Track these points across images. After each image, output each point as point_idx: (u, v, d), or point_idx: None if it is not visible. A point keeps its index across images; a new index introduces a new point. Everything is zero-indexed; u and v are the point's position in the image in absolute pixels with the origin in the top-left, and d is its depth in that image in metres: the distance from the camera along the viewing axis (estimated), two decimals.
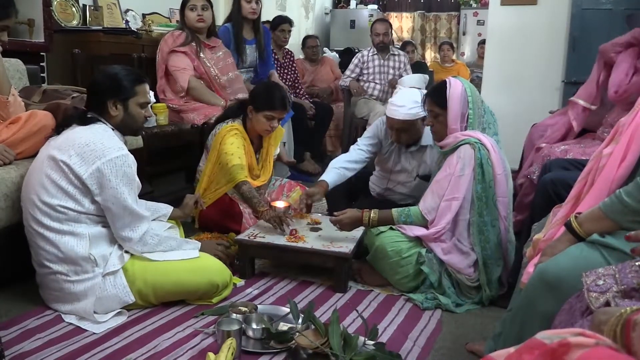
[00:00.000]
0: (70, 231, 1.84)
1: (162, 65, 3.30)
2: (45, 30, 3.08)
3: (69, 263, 1.85)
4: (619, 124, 1.46)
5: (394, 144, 2.58)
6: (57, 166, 1.84)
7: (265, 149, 2.83)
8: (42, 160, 1.88)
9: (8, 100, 2.16)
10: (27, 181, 1.93)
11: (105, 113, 1.95)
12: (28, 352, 1.67)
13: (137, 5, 4.18)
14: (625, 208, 1.25)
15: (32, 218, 1.86)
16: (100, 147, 1.83)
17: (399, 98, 2.45)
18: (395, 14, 8.63)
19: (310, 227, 2.46)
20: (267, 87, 2.77)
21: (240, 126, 2.68)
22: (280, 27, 4.43)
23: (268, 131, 2.67)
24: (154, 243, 1.96)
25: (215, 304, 2.02)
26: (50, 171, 1.84)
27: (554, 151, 2.55)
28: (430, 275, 2.13)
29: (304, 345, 1.66)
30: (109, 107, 1.94)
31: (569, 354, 0.63)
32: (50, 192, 1.83)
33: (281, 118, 2.67)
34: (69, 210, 1.84)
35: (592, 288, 1.06)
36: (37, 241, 1.87)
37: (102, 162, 1.81)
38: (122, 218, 1.88)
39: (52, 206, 1.83)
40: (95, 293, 1.86)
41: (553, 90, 4.17)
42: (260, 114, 2.62)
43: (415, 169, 2.58)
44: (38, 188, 1.85)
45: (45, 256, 1.86)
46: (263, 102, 2.61)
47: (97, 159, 1.81)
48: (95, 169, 1.81)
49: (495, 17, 4.36)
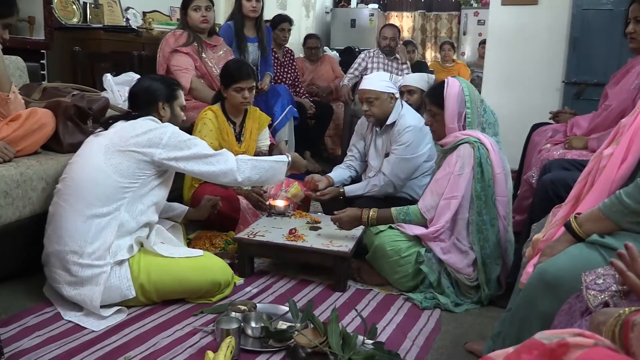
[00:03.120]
0: (108, 213, 1.91)
1: (163, 65, 3.29)
2: (46, 28, 3.08)
3: (90, 245, 1.87)
4: (619, 125, 1.47)
5: (371, 131, 2.82)
6: (122, 151, 1.93)
7: (249, 130, 2.91)
8: (99, 148, 1.96)
9: (8, 97, 2.16)
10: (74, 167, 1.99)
11: (154, 114, 2.10)
12: (27, 349, 1.67)
13: (138, 3, 4.19)
14: (625, 209, 1.25)
15: (77, 197, 1.91)
16: (157, 130, 1.98)
17: (371, 75, 2.82)
18: (395, 14, 8.62)
19: (309, 226, 2.46)
20: (229, 63, 2.91)
21: (217, 108, 2.80)
22: (280, 26, 4.42)
23: (243, 103, 2.77)
24: (249, 167, 2.09)
25: (215, 303, 2.03)
26: (112, 156, 1.92)
27: (552, 154, 2.55)
28: (430, 274, 2.13)
29: (303, 344, 1.66)
30: (159, 108, 2.12)
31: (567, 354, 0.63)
32: (107, 174, 1.91)
33: (250, 87, 2.75)
34: (119, 189, 1.91)
35: (591, 286, 1.06)
36: (70, 216, 1.90)
37: (164, 141, 1.96)
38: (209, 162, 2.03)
39: (105, 185, 1.90)
40: (101, 282, 1.87)
41: (553, 90, 4.16)
42: (230, 89, 2.74)
43: (384, 148, 2.75)
44: (94, 172, 1.93)
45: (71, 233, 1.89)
46: (229, 77, 2.75)
47: (160, 139, 1.96)
48: (162, 148, 1.95)
49: (495, 17, 4.35)
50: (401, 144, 2.61)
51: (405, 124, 2.61)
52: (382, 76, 2.76)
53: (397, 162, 2.61)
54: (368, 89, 2.64)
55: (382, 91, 2.61)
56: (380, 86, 2.62)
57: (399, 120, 2.65)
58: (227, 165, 2.05)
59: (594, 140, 2.46)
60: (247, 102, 2.78)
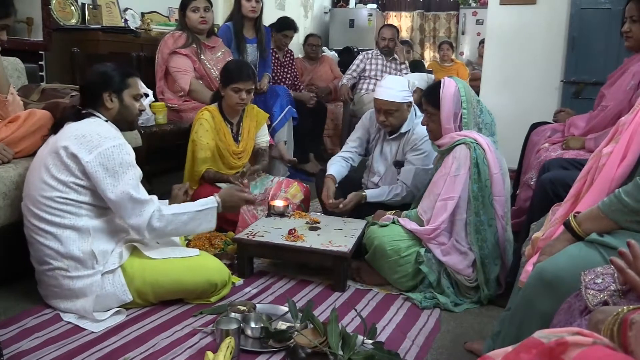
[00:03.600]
0: (71, 225, 1.85)
1: (162, 67, 3.29)
2: (44, 29, 3.08)
3: (70, 258, 1.85)
4: (619, 123, 1.47)
5: (379, 132, 2.73)
6: (57, 159, 1.85)
7: (246, 129, 2.92)
8: (42, 158, 1.90)
9: (7, 99, 2.16)
10: (27, 179, 1.94)
11: (100, 107, 1.98)
12: (26, 351, 1.67)
13: (136, 4, 4.18)
14: (625, 207, 1.25)
15: (33, 215, 1.86)
16: (97, 138, 1.85)
17: (387, 81, 2.59)
18: (394, 13, 8.62)
19: (309, 227, 2.45)
20: (230, 63, 2.91)
21: (214, 108, 2.81)
22: (283, 32, 4.42)
23: (239, 104, 2.77)
24: (162, 225, 1.91)
25: (214, 303, 2.02)
26: (51, 165, 1.85)
27: (550, 154, 2.55)
28: (429, 274, 2.13)
29: (302, 344, 1.66)
30: (104, 99, 1.97)
31: (566, 352, 0.63)
32: (51, 186, 1.84)
33: (249, 89, 2.75)
34: (69, 201, 1.84)
35: (590, 286, 1.06)
36: (38, 237, 1.86)
37: (99, 151, 1.82)
38: (125, 206, 1.86)
39: (52, 199, 1.83)
40: (94, 291, 1.86)
41: (552, 89, 4.17)
42: (228, 88, 2.74)
43: (393, 155, 2.69)
44: (38, 184, 1.85)
45: (45, 252, 1.86)
46: (228, 77, 2.74)
47: (94, 148, 1.83)
48: (93, 157, 1.82)
49: (494, 16, 4.36)
50: (421, 153, 2.55)
51: (423, 133, 2.50)
52: (401, 85, 2.57)
53: (418, 172, 2.54)
54: (390, 101, 2.51)
55: (402, 102, 2.53)
56: (401, 96, 2.52)
57: (414, 129, 2.58)
58: (140, 218, 1.87)
59: (591, 141, 2.46)
60: (244, 103, 2.79)
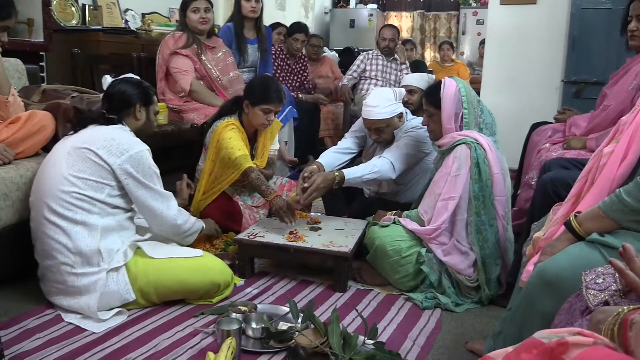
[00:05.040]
0: (82, 221, 1.87)
1: (162, 67, 3.29)
2: (45, 30, 3.09)
3: (77, 254, 1.86)
4: (619, 122, 1.47)
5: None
6: (81, 157, 1.89)
7: (261, 143, 2.83)
8: (62, 154, 1.92)
9: (8, 100, 2.16)
10: (41, 174, 1.96)
11: (129, 116, 2.08)
12: (28, 351, 1.67)
13: (137, 5, 4.19)
14: (625, 207, 1.25)
15: (46, 207, 1.87)
16: (127, 142, 1.94)
17: (372, 98, 2.51)
18: (394, 14, 8.62)
19: (310, 227, 2.46)
20: (262, 80, 2.76)
21: (236, 121, 2.68)
22: (294, 36, 4.41)
23: (265, 125, 2.66)
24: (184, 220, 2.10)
25: (216, 304, 2.03)
26: (73, 162, 1.89)
27: (551, 154, 2.55)
28: (430, 274, 2.13)
29: (303, 345, 1.66)
30: (136, 110, 2.08)
31: (567, 352, 0.64)
32: (70, 182, 1.87)
33: (277, 111, 2.67)
34: (84, 197, 1.87)
35: (591, 286, 1.06)
36: (48, 231, 1.87)
37: (130, 154, 1.92)
38: (153, 205, 1.99)
39: (69, 193, 1.86)
40: (98, 289, 1.86)
41: (552, 89, 4.17)
42: (256, 107, 2.60)
43: None
44: (58, 178, 1.88)
45: (53, 246, 1.87)
46: (259, 96, 2.59)
47: (124, 151, 1.91)
48: (123, 160, 1.90)
49: (494, 16, 4.36)
50: (407, 135, 2.51)
51: (414, 124, 2.51)
52: (386, 99, 2.49)
53: (401, 147, 2.48)
54: (377, 120, 2.47)
55: (391, 117, 2.49)
56: (389, 112, 2.47)
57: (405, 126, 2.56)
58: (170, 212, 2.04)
59: (592, 140, 2.46)
60: (269, 124, 2.68)
